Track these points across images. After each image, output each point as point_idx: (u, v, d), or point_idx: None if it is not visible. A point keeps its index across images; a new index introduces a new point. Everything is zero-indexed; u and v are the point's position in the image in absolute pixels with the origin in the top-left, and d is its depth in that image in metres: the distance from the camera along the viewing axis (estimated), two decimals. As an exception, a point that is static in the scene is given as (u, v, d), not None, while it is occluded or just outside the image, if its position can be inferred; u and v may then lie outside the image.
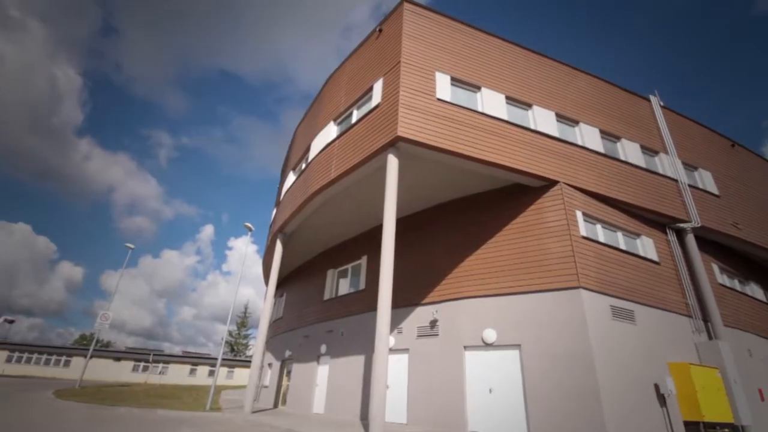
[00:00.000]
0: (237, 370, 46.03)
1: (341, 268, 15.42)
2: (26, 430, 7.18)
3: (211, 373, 43.07)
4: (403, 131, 9.40)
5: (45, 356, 38.68)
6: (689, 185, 12.65)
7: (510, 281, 9.80)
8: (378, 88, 11.00)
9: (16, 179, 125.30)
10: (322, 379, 13.35)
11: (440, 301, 10.81)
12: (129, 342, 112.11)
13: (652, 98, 14.34)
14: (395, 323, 11.12)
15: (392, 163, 9.69)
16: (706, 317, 10.74)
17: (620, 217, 11.03)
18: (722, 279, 12.42)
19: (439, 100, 10.22)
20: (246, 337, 52.59)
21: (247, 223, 15.75)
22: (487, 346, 9.57)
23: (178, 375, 41.82)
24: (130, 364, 40.47)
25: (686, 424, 8.70)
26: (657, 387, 8.72)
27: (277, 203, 17.97)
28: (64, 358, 39.05)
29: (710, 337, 10.53)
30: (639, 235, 11.18)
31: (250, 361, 32.69)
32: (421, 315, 11.06)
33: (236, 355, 50.41)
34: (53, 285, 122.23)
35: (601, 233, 10.37)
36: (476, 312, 10.02)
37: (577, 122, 11.96)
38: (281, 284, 19.72)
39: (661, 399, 8.64)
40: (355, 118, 11.84)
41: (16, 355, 38.23)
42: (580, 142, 11.54)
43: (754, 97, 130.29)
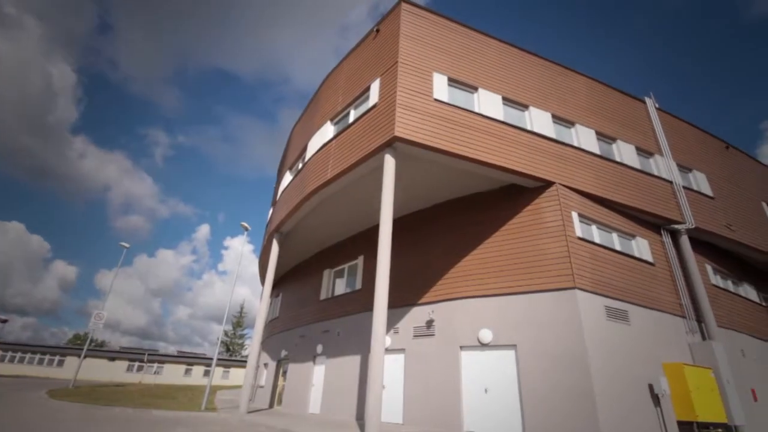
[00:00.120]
0: (233, 370, 45.91)
1: (338, 268, 15.41)
2: (19, 431, 7.11)
3: (207, 373, 42.88)
4: (400, 131, 9.41)
5: (38, 356, 38.39)
6: (684, 187, 12.76)
7: (506, 281, 9.83)
8: (375, 88, 11.01)
9: (10, 177, 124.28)
10: (318, 379, 13.33)
11: (436, 301, 10.82)
12: (124, 341, 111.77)
13: (647, 100, 14.45)
14: (391, 323, 11.13)
15: (389, 163, 9.70)
16: (699, 318, 10.84)
17: (615, 218, 11.10)
18: (716, 280, 12.53)
19: (436, 100, 10.25)
20: (242, 337, 52.57)
21: (244, 223, 15.74)
22: (483, 346, 9.60)
23: (173, 375, 41.65)
24: (124, 363, 40.28)
25: (680, 424, 8.77)
26: (651, 387, 8.79)
27: (274, 203, 17.94)
28: (57, 358, 38.75)
29: (704, 338, 10.62)
30: (634, 236, 11.26)
31: (245, 361, 32.62)
32: (417, 315, 11.07)
33: (232, 355, 50.26)
34: (47, 284, 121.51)
35: (596, 234, 10.44)
36: (472, 312, 10.04)
37: (573, 123, 12.02)
38: (277, 284, 19.65)
39: (655, 399, 8.71)
40: (352, 117, 11.84)
41: (9, 354, 37.93)
42: (576, 144, 11.61)
43: (752, 98, 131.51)
